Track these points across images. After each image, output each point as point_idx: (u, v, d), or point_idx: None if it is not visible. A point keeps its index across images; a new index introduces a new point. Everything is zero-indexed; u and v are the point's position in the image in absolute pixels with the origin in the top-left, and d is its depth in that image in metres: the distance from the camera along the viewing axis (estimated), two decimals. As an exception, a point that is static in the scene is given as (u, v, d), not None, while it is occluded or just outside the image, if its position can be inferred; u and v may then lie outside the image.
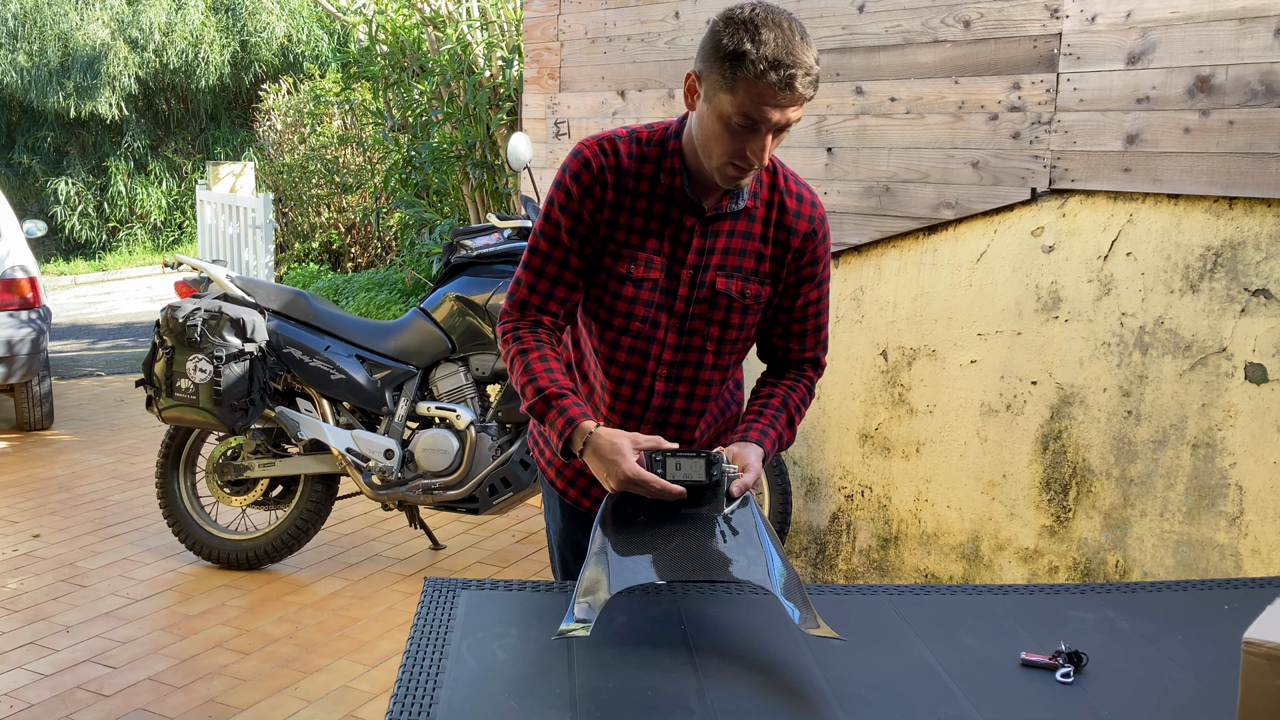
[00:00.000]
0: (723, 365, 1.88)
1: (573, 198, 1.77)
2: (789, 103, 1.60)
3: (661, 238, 1.78)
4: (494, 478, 3.76)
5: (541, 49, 4.75)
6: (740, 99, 1.60)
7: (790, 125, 1.64)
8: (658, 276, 1.79)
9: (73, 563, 4.14)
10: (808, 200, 1.83)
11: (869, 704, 1.36)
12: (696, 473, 1.62)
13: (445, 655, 1.46)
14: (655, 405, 1.87)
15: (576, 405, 1.73)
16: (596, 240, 1.79)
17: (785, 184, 1.81)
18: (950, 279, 3.43)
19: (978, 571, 3.43)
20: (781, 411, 1.84)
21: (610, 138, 1.78)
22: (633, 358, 1.84)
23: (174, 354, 3.68)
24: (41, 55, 14.24)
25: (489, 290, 3.78)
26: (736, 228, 1.79)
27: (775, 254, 1.81)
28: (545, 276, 1.80)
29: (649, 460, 1.64)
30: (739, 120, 1.61)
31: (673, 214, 1.78)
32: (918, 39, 3.42)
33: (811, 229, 1.82)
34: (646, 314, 1.81)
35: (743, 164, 1.66)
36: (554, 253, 1.79)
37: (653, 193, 1.78)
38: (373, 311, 7.33)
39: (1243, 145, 2.80)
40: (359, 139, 9.52)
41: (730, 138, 1.64)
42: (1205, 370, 2.93)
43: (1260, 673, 1.06)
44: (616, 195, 1.77)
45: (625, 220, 1.78)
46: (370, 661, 3.35)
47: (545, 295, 1.81)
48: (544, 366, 1.76)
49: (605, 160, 1.76)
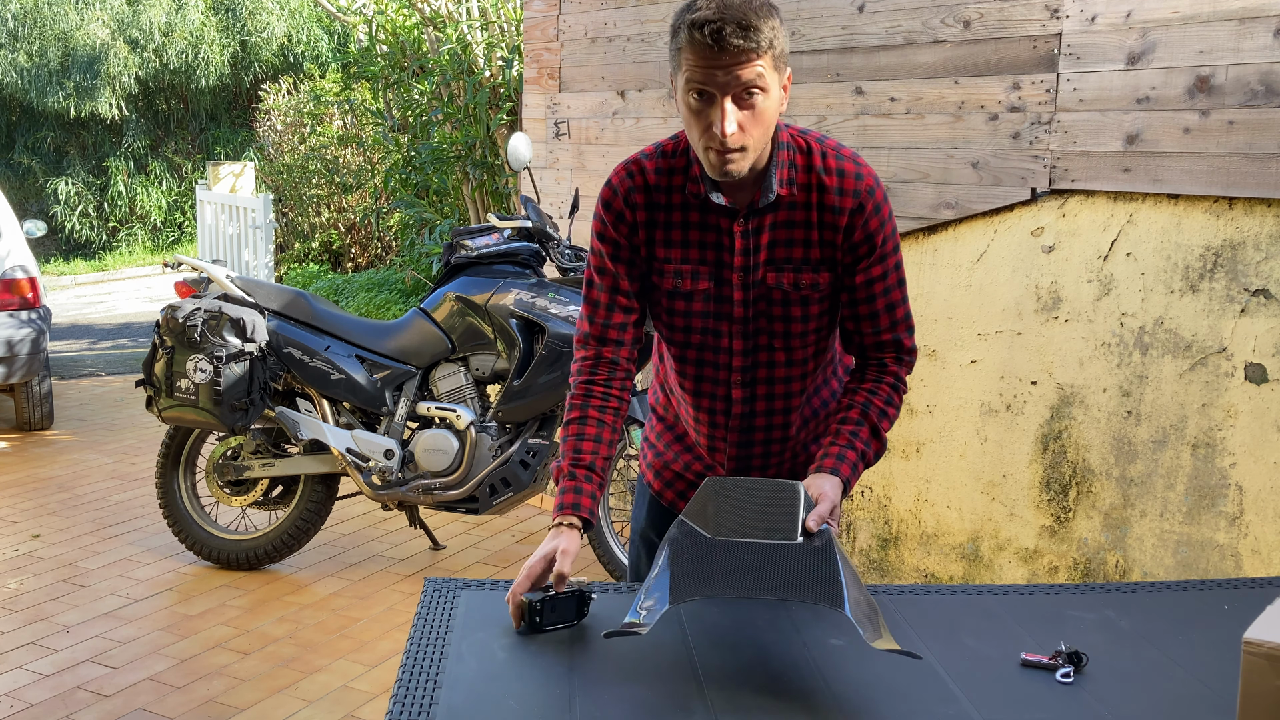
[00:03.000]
0: (798, 361, 1.81)
1: (606, 225, 1.78)
2: (731, 61, 1.54)
3: (704, 246, 1.75)
4: (494, 478, 3.76)
5: (541, 49, 4.75)
6: (686, 71, 1.58)
7: (753, 89, 1.57)
8: (707, 286, 1.76)
9: (73, 563, 4.14)
10: (850, 174, 1.72)
11: (869, 704, 1.36)
12: (567, 614, 1.56)
13: (445, 655, 1.46)
14: (736, 414, 1.83)
15: (569, 493, 1.71)
16: (641, 262, 1.79)
17: (823, 163, 1.72)
18: (950, 279, 3.43)
19: (978, 571, 3.43)
20: (862, 424, 1.74)
21: (637, 158, 1.78)
22: (704, 369, 1.82)
23: (174, 354, 3.68)
24: (41, 55, 14.25)
25: (489, 290, 3.78)
26: (779, 219, 1.72)
27: (826, 238, 1.73)
28: (600, 306, 1.81)
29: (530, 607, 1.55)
30: (694, 96, 1.58)
31: (710, 220, 1.74)
32: (918, 39, 3.42)
33: (858, 204, 1.71)
34: (705, 325, 1.78)
35: (715, 144, 1.59)
36: (603, 281, 1.80)
37: (685, 204, 1.75)
38: (373, 311, 7.33)
39: (1243, 145, 2.80)
40: (359, 139, 9.52)
41: (696, 118, 1.60)
42: (1205, 370, 2.93)
43: (1260, 673, 1.06)
44: (649, 214, 1.76)
45: (663, 236, 1.76)
46: (370, 661, 3.35)
47: (604, 324, 1.81)
48: (576, 438, 1.76)
49: (632, 182, 1.76)
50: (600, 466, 1.75)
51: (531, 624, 1.54)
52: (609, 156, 4.50)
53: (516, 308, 3.73)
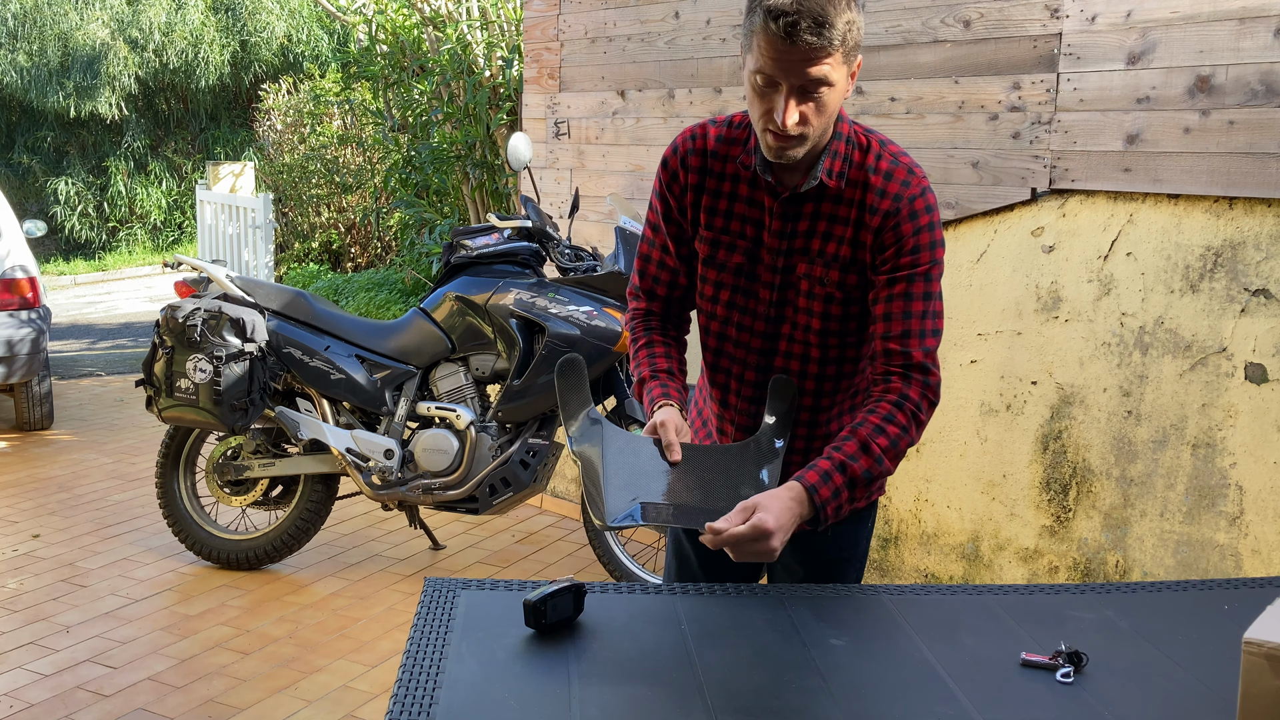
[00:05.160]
0: (829, 360, 1.75)
1: (662, 183, 1.80)
2: (801, 57, 1.50)
3: (745, 221, 1.73)
4: (494, 478, 3.76)
5: (541, 49, 4.75)
6: (756, 54, 1.55)
7: (821, 86, 1.53)
8: (741, 260, 1.75)
9: (73, 563, 4.14)
10: (898, 178, 1.66)
11: (869, 704, 1.36)
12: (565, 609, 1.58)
13: (445, 655, 1.46)
14: (746, 396, 1.81)
15: (658, 388, 1.78)
16: (689, 224, 1.79)
17: (877, 162, 1.67)
18: (950, 279, 3.43)
19: (978, 571, 3.43)
20: (850, 438, 1.63)
21: (705, 124, 1.78)
22: (725, 345, 1.81)
23: (174, 354, 3.68)
24: (41, 55, 14.24)
25: (489, 290, 3.78)
26: (821, 210, 1.69)
27: (861, 239, 1.67)
28: (651, 261, 1.85)
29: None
30: (760, 79, 1.55)
31: (756, 197, 1.72)
32: (918, 39, 3.42)
33: (895, 207, 1.64)
34: (732, 299, 1.77)
35: (774, 128, 1.57)
36: (655, 238, 1.84)
37: (736, 175, 1.74)
38: (373, 311, 7.32)
39: (1243, 145, 2.80)
40: (359, 139, 9.52)
41: (759, 99, 1.58)
42: (1205, 370, 2.93)
43: (1260, 673, 1.06)
44: (700, 178, 1.76)
45: (709, 202, 1.76)
46: (370, 661, 3.35)
47: (652, 279, 1.86)
48: (648, 354, 1.82)
49: (693, 144, 1.76)
50: (676, 370, 1.80)
51: (536, 623, 1.54)
52: (609, 156, 4.50)
53: (516, 308, 3.73)
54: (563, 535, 4.49)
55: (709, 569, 1.95)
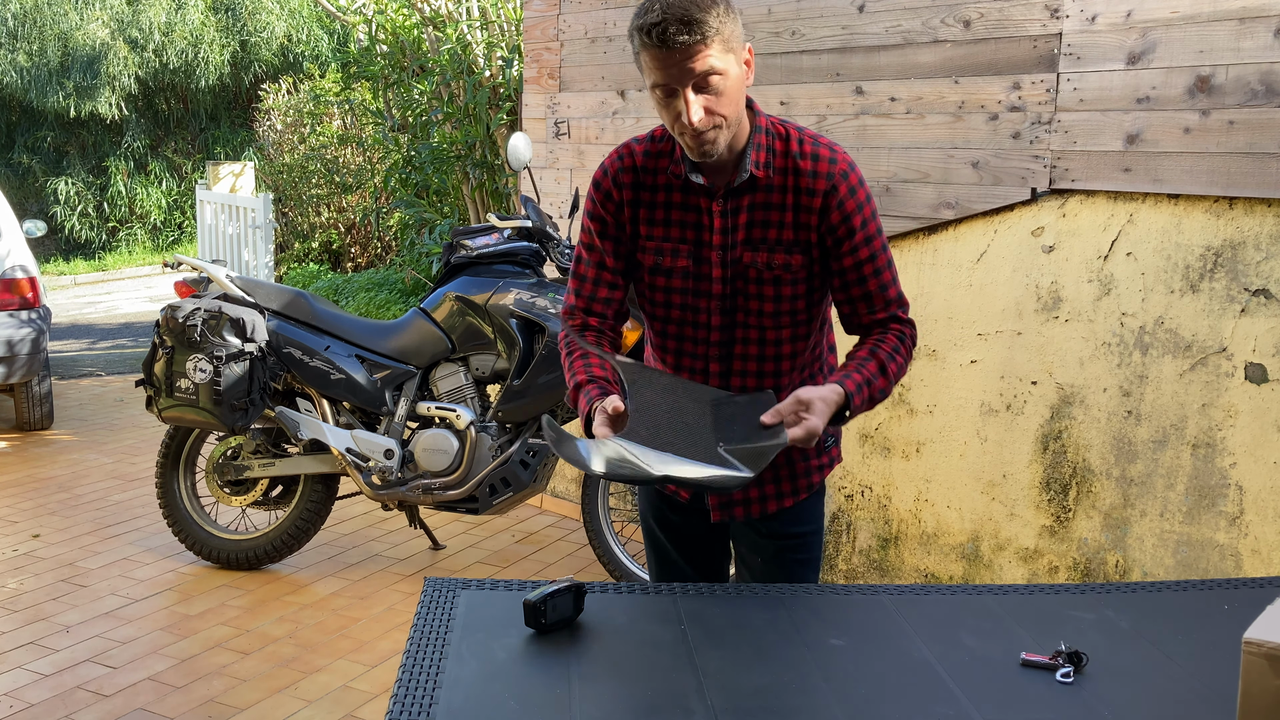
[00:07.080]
0: (771, 341, 1.87)
1: (595, 203, 1.90)
2: (683, 56, 1.64)
3: (684, 226, 1.85)
4: (494, 478, 3.76)
5: (541, 49, 4.75)
6: (647, 71, 1.69)
7: (711, 76, 1.66)
8: (686, 264, 1.85)
9: (73, 563, 4.14)
10: (824, 158, 1.80)
11: (869, 704, 1.36)
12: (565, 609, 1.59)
13: (445, 655, 1.46)
14: (713, 387, 1.88)
15: (596, 388, 1.79)
16: (627, 240, 1.89)
17: (800, 148, 1.81)
18: (950, 279, 3.43)
19: (978, 571, 3.43)
20: (869, 360, 1.80)
21: (629, 143, 1.89)
22: (684, 344, 1.90)
23: (174, 354, 3.68)
24: (41, 55, 14.24)
25: (489, 290, 3.78)
26: (756, 200, 1.81)
27: (801, 220, 1.80)
28: (587, 280, 1.92)
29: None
30: (660, 91, 1.70)
31: (691, 201, 1.84)
32: (918, 39, 3.42)
33: (831, 185, 1.79)
34: (684, 301, 1.87)
35: (687, 131, 1.70)
36: (590, 257, 1.92)
37: (669, 185, 1.85)
38: (373, 311, 7.32)
39: (1243, 145, 2.80)
40: (359, 139, 9.52)
41: (666, 110, 1.71)
42: (1205, 370, 2.93)
43: (1260, 673, 1.06)
44: (634, 193, 1.87)
45: (646, 215, 1.86)
46: (370, 661, 3.35)
47: (589, 298, 1.92)
48: (583, 364, 1.85)
49: (621, 164, 1.88)
50: (613, 380, 1.83)
51: (536, 623, 1.54)
52: (609, 156, 4.49)
53: (516, 307, 3.73)
54: (563, 535, 4.49)
55: (687, 555, 2.08)
